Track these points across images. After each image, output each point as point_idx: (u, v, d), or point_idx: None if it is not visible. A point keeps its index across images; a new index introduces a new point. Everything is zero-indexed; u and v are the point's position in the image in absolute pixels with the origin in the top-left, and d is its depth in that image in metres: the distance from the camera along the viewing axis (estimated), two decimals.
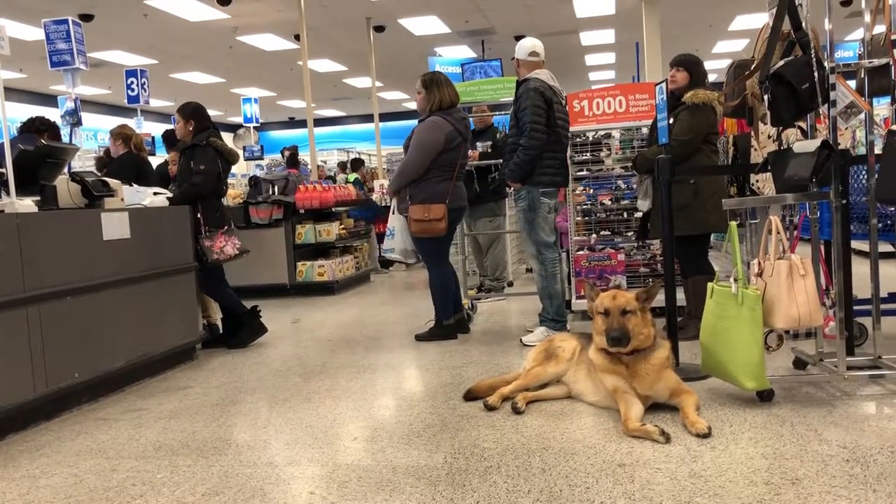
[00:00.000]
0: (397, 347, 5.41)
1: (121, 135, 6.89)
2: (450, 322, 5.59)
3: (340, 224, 8.99)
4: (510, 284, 8.39)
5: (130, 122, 8.18)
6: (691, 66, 4.95)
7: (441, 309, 5.59)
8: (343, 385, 4.36)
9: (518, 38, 5.62)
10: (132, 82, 10.31)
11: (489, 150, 7.39)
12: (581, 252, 5.98)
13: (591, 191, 6.17)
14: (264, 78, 18.71)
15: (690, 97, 4.72)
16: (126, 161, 6.75)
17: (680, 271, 5.24)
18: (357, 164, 13.91)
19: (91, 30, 11.25)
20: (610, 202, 6.04)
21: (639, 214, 5.56)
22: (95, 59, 14.16)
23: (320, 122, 21.47)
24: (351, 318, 6.94)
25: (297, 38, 12.96)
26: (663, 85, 4.17)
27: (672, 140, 4.70)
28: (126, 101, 10.39)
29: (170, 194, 5.45)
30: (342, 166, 13.78)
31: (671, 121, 4.80)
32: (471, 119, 6.61)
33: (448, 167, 5.35)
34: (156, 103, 18.10)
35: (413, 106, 25.05)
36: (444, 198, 5.29)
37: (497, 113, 8.20)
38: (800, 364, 4.01)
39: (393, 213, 5.62)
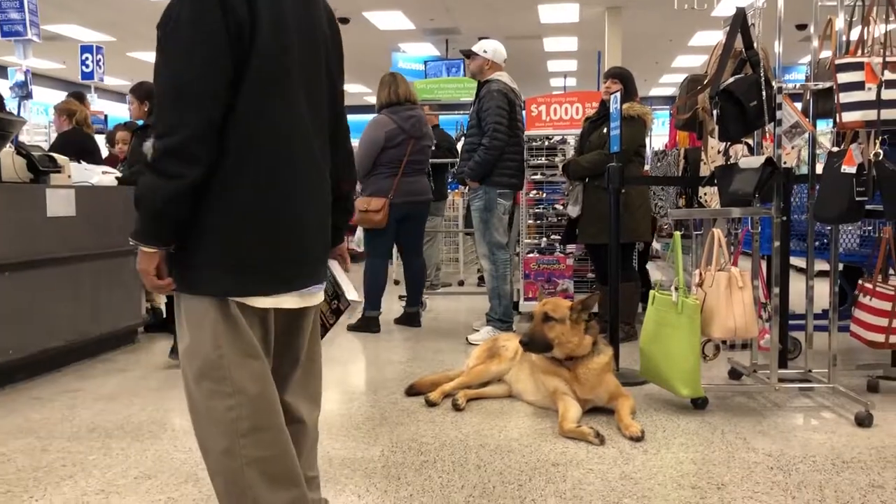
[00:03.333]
0: (343, 340, 5.40)
1: (65, 110, 6.73)
2: (373, 315, 5.62)
3: None
4: (461, 283, 8.45)
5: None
6: (625, 80, 5.07)
7: (368, 301, 5.63)
8: None
9: (482, 39, 5.63)
10: (87, 58, 10.11)
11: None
12: (531, 255, 6.04)
13: (545, 195, 6.24)
14: None
15: (626, 109, 4.79)
16: (68, 137, 6.59)
17: (600, 278, 5.35)
18: None
19: (46, 2, 10.96)
20: (563, 207, 6.11)
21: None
22: (50, 33, 13.79)
23: None
24: None
25: None
26: (617, 94, 4.25)
27: (605, 150, 4.78)
28: (80, 77, 10.16)
29: (119, 174, 5.35)
30: None
31: (605, 130, 4.88)
32: None
33: (393, 164, 5.46)
34: (111, 81, 17.69)
35: (375, 100, 25.01)
36: (386, 193, 5.41)
37: (444, 113, 8.18)
38: (734, 374, 4.12)
39: None
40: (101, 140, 7.59)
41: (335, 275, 2.22)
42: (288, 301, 1.90)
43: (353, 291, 2.26)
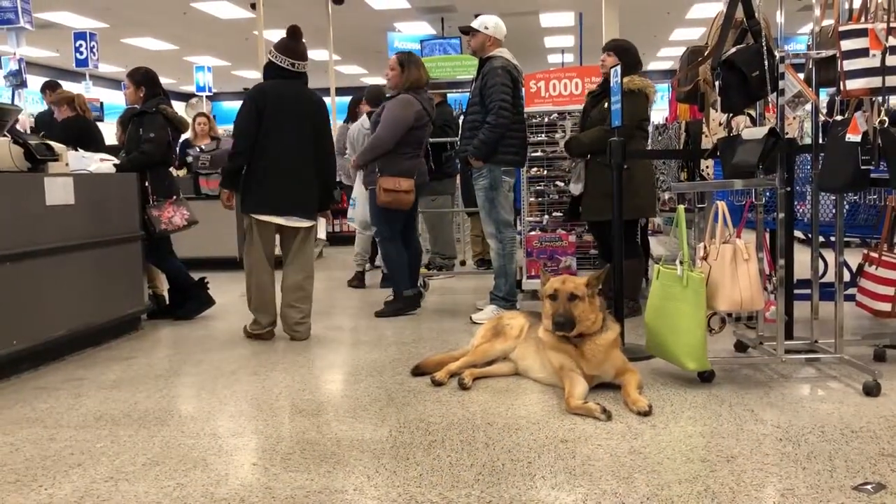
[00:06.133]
0: (347, 322, 5.39)
1: (64, 99, 6.68)
2: (409, 293, 5.61)
3: None
4: (462, 263, 8.42)
5: (78, 87, 7.92)
6: (621, 52, 5.00)
7: (399, 281, 5.60)
8: (291, 359, 4.33)
9: (479, 16, 5.54)
10: (81, 45, 10.03)
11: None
12: (533, 232, 6.01)
13: (545, 172, 6.20)
14: (218, 47, 18.31)
15: (627, 83, 4.71)
16: (70, 124, 6.55)
17: (604, 255, 5.32)
18: None
19: None
20: (563, 184, 6.07)
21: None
22: (43, 21, 13.69)
23: None
24: None
25: (252, 6, 12.69)
26: (618, 68, 4.19)
27: (607, 125, 4.73)
28: (74, 64, 10.09)
29: (117, 161, 5.32)
30: None
31: (606, 105, 4.82)
32: None
33: (416, 144, 5.45)
34: (105, 68, 17.56)
35: (370, 81, 24.81)
36: (412, 174, 5.39)
37: (443, 92, 8.04)
38: (741, 347, 4.12)
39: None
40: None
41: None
42: (278, 220, 4.63)
43: (322, 231, 4.17)
